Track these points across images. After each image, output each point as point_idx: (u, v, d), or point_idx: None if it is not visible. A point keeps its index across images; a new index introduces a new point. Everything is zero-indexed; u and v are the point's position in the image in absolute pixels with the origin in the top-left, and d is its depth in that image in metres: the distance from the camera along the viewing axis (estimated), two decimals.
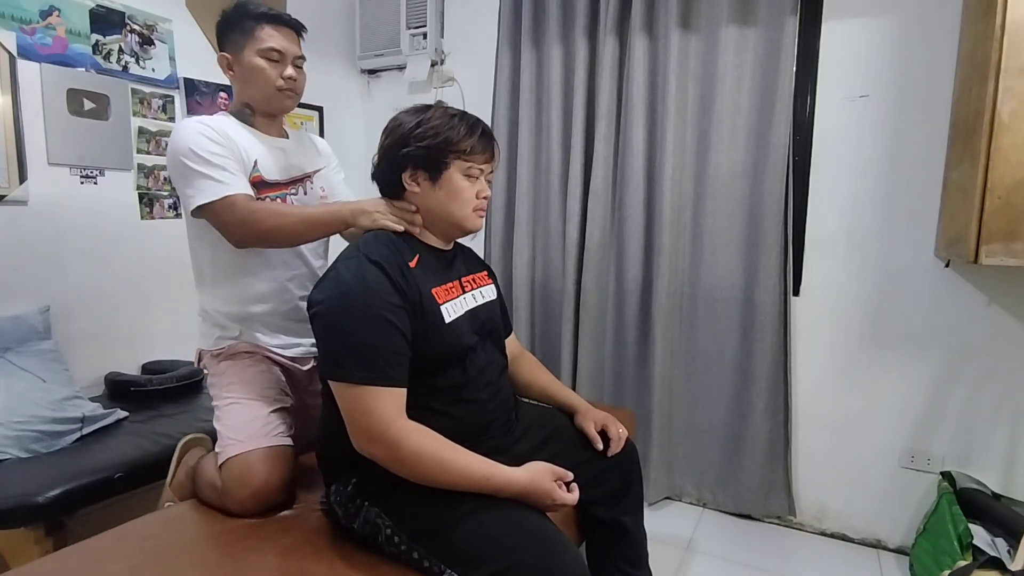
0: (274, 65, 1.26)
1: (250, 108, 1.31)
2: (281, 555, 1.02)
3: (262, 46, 1.24)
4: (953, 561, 1.48)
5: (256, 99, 1.29)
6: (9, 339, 1.65)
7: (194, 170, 1.16)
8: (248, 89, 1.28)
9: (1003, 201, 1.38)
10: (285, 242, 1.25)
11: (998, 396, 1.76)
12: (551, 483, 1.00)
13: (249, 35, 1.24)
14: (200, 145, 1.17)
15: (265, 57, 1.25)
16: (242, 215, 1.16)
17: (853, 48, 1.85)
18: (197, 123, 1.22)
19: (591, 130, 2.19)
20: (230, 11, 1.27)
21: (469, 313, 1.14)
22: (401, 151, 1.08)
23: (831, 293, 1.95)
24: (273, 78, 1.26)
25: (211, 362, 1.33)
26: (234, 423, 1.22)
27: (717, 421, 2.08)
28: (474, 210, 1.12)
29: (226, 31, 1.27)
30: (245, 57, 1.25)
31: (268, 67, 1.25)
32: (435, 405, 1.06)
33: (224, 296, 1.30)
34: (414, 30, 2.53)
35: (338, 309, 0.99)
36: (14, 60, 1.72)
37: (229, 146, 1.21)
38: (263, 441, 1.20)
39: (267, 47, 1.24)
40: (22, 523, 1.34)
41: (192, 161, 1.16)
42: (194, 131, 1.19)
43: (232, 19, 1.26)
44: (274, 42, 1.25)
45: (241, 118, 1.30)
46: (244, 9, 1.26)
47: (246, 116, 1.31)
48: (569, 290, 2.25)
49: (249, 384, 1.27)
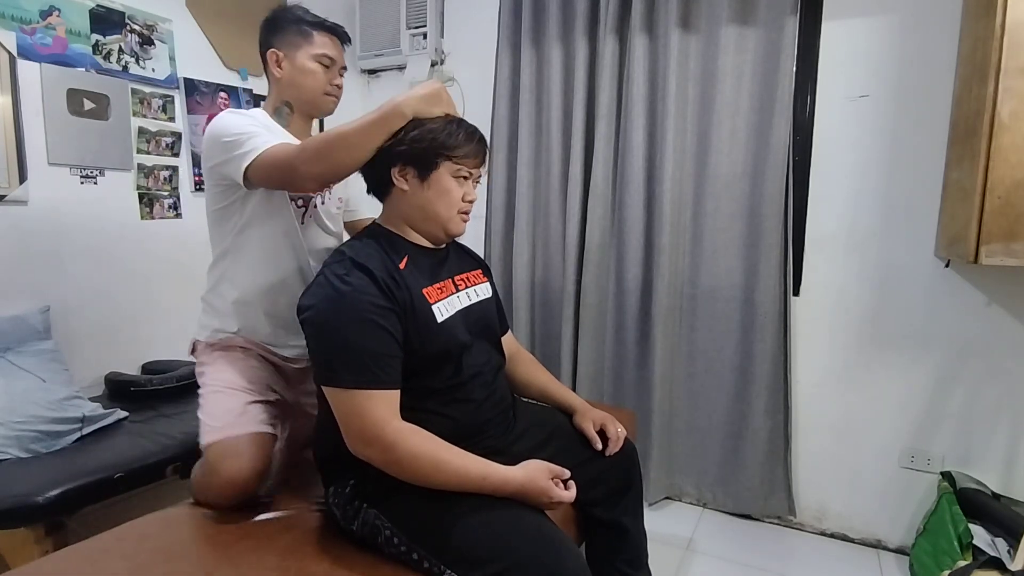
0: (325, 71, 1.32)
1: (289, 107, 1.34)
2: (281, 555, 1.02)
3: (318, 51, 1.30)
4: (953, 561, 1.48)
5: (301, 99, 1.33)
6: (9, 339, 1.66)
7: (232, 141, 1.17)
8: (295, 89, 1.32)
9: (1003, 201, 1.38)
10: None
11: (998, 396, 1.76)
12: (548, 481, 1.00)
13: (307, 38, 1.30)
14: (238, 121, 1.21)
15: (319, 62, 1.31)
16: (293, 151, 1.13)
17: (853, 48, 1.85)
18: (233, 111, 1.26)
19: (591, 130, 2.19)
20: (284, 12, 1.33)
21: (462, 312, 1.14)
22: (395, 147, 1.08)
23: (831, 293, 1.95)
24: (323, 83, 1.32)
25: (204, 351, 1.34)
26: (214, 411, 1.24)
27: (717, 421, 2.08)
28: (459, 212, 1.13)
29: (279, 30, 1.31)
30: (299, 58, 1.30)
31: (320, 71, 1.31)
32: (430, 406, 1.06)
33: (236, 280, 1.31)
34: (414, 30, 2.54)
35: (326, 314, 0.99)
36: (14, 60, 1.72)
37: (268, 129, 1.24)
38: (239, 429, 1.19)
39: (322, 53, 1.31)
40: (22, 523, 1.34)
41: (229, 135, 1.18)
42: (230, 115, 1.24)
43: (289, 20, 1.31)
44: (328, 49, 1.32)
45: (277, 117, 1.34)
46: (301, 14, 1.32)
47: (283, 116, 1.34)
48: (569, 290, 2.25)
49: (236, 375, 1.28)
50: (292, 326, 1.32)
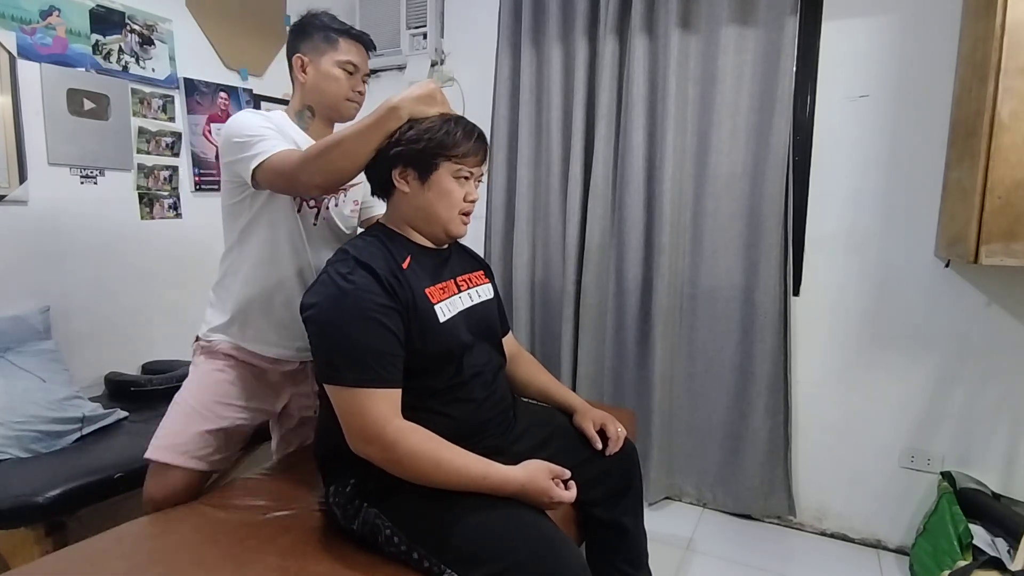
0: (349, 77, 1.33)
1: (311, 112, 1.35)
2: (281, 555, 1.02)
3: (342, 58, 1.31)
4: (953, 561, 1.48)
5: (323, 104, 1.34)
6: (9, 339, 1.66)
7: (244, 142, 1.19)
8: (317, 94, 1.33)
9: (1003, 201, 1.38)
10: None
11: (998, 396, 1.76)
12: (548, 481, 1.00)
13: (333, 45, 1.31)
14: (253, 121, 1.23)
15: (343, 68, 1.32)
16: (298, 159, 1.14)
17: (853, 48, 1.85)
18: (252, 111, 1.28)
19: (591, 130, 2.19)
20: (312, 18, 1.33)
21: (464, 312, 1.14)
22: (393, 149, 1.08)
23: (831, 293, 1.95)
24: (346, 89, 1.33)
25: (196, 350, 1.36)
26: (166, 424, 1.29)
27: (717, 421, 2.08)
28: (460, 213, 1.13)
29: (305, 36, 1.32)
30: (324, 64, 1.31)
31: (344, 78, 1.32)
32: (431, 405, 1.06)
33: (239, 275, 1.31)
34: (414, 30, 2.54)
35: (329, 312, 1.00)
36: (14, 60, 1.72)
37: (282, 132, 1.25)
38: (174, 458, 1.25)
39: (346, 60, 1.31)
40: (22, 523, 1.34)
41: (242, 136, 1.20)
42: (248, 114, 1.25)
43: (316, 26, 1.32)
44: (352, 56, 1.32)
45: (298, 120, 1.35)
46: (327, 20, 1.33)
47: (304, 119, 1.35)
48: (569, 290, 2.25)
49: (204, 392, 1.30)
50: (286, 327, 1.33)
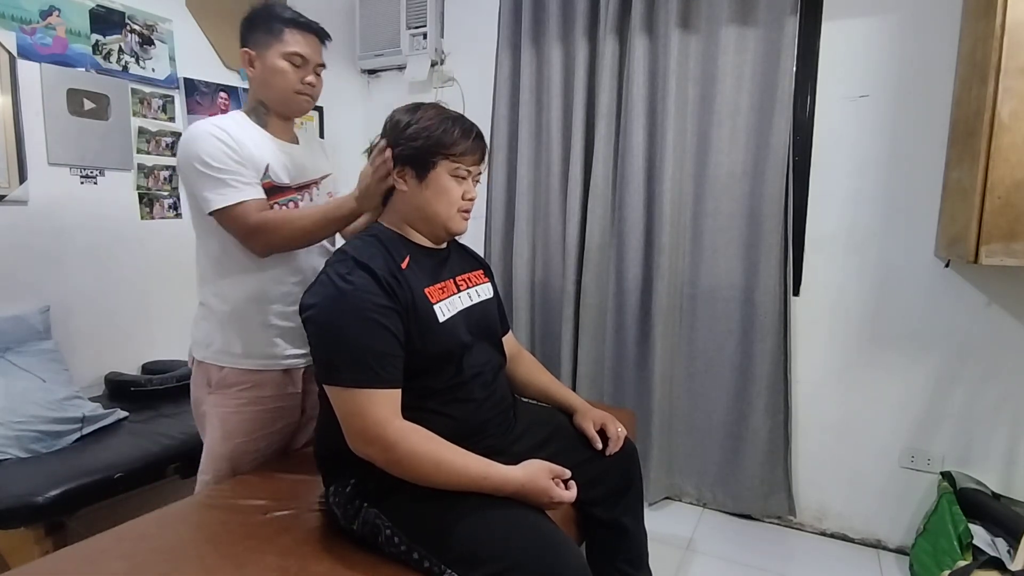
0: (296, 69, 1.27)
1: (265, 107, 1.32)
2: (281, 555, 1.02)
3: (287, 49, 1.25)
4: (953, 561, 1.48)
5: (273, 100, 1.30)
6: (9, 339, 1.66)
7: (208, 176, 1.17)
8: (266, 89, 1.29)
9: (1003, 201, 1.38)
10: (302, 244, 1.26)
11: (998, 396, 1.76)
12: (548, 481, 1.00)
13: (276, 37, 1.25)
14: (214, 150, 1.18)
15: (288, 61, 1.25)
16: (255, 223, 1.18)
17: (853, 48, 1.85)
18: (211, 126, 1.21)
19: (591, 130, 2.19)
20: (259, 9, 1.28)
21: (464, 312, 1.14)
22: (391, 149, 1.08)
23: (831, 293, 1.95)
24: (293, 82, 1.27)
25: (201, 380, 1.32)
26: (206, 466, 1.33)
27: (717, 421, 2.08)
28: (459, 211, 1.12)
29: (252, 28, 1.28)
30: (269, 57, 1.25)
31: (290, 70, 1.26)
32: (431, 405, 1.06)
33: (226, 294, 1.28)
34: (414, 30, 2.53)
35: (328, 313, 0.99)
36: (14, 60, 1.72)
37: (242, 152, 1.21)
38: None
39: (292, 51, 1.25)
40: (22, 523, 1.34)
41: (205, 167, 1.17)
42: (208, 135, 1.19)
43: (260, 18, 1.27)
44: (299, 47, 1.26)
45: (255, 117, 1.31)
46: (273, 10, 1.28)
47: (260, 116, 1.31)
48: (569, 290, 2.25)
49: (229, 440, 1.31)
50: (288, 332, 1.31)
